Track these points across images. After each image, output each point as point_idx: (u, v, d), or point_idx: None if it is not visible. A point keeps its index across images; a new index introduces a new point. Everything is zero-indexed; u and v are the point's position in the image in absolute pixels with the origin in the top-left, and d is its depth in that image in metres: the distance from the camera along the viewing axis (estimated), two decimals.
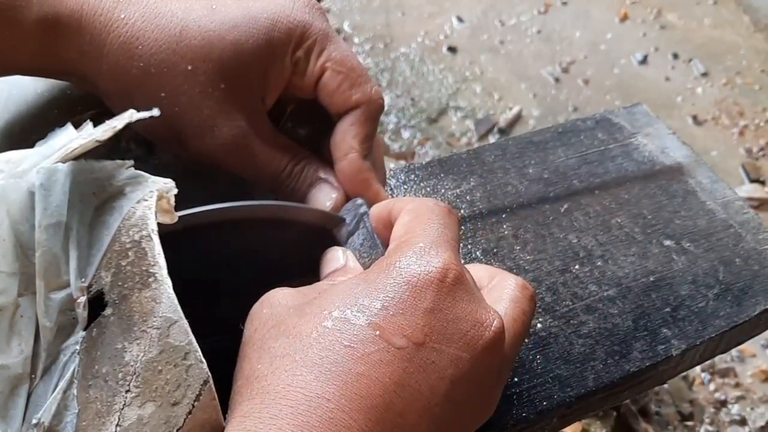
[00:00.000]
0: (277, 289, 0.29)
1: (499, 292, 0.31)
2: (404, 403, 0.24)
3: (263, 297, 0.29)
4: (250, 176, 0.36)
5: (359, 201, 0.34)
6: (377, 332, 0.25)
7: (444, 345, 0.26)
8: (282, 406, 0.23)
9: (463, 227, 0.44)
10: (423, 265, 0.27)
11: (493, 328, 0.27)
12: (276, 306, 0.28)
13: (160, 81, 0.33)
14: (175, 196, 0.28)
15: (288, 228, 0.33)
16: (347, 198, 0.35)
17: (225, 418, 0.25)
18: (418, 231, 0.29)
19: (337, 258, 0.33)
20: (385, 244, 0.31)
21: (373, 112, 0.36)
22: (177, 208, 0.28)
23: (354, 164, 0.35)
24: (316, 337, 0.25)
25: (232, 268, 0.32)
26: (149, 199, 0.27)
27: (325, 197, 0.35)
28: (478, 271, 0.33)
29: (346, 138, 0.35)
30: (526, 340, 0.38)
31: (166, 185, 0.28)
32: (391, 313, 0.25)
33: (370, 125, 0.36)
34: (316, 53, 0.35)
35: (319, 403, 0.23)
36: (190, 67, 0.33)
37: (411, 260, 0.27)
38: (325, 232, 0.34)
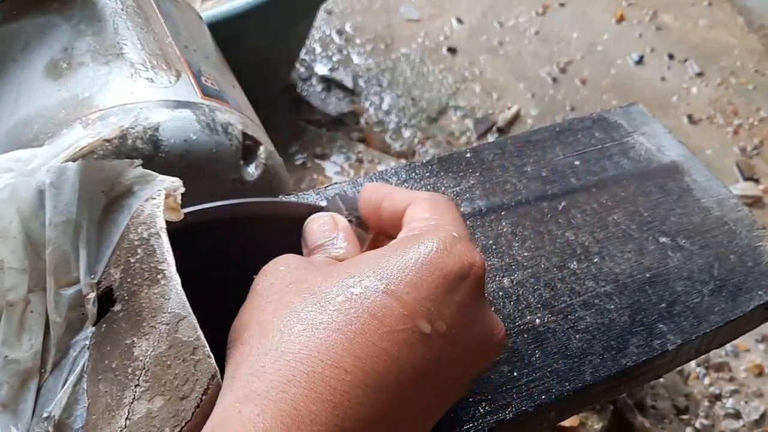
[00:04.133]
0: (289, 255, 0.28)
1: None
2: (413, 388, 0.24)
3: (275, 259, 0.28)
4: None
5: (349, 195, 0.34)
6: (405, 312, 0.23)
7: (459, 342, 0.25)
8: (296, 371, 0.22)
9: None
10: (460, 256, 0.25)
11: (500, 337, 0.27)
12: (294, 266, 0.27)
13: None
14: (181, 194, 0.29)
15: (285, 223, 0.34)
16: None
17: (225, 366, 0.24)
18: (447, 218, 0.27)
19: (326, 224, 0.31)
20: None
21: None
22: (181, 206, 0.29)
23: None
24: (342, 301, 0.23)
25: (233, 264, 0.32)
26: (157, 198, 0.28)
27: None
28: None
29: None
30: (525, 335, 0.38)
31: (174, 184, 0.29)
32: (423, 296, 0.24)
33: None
34: None
35: (334, 373, 0.22)
36: None
37: (449, 247, 0.25)
38: None
